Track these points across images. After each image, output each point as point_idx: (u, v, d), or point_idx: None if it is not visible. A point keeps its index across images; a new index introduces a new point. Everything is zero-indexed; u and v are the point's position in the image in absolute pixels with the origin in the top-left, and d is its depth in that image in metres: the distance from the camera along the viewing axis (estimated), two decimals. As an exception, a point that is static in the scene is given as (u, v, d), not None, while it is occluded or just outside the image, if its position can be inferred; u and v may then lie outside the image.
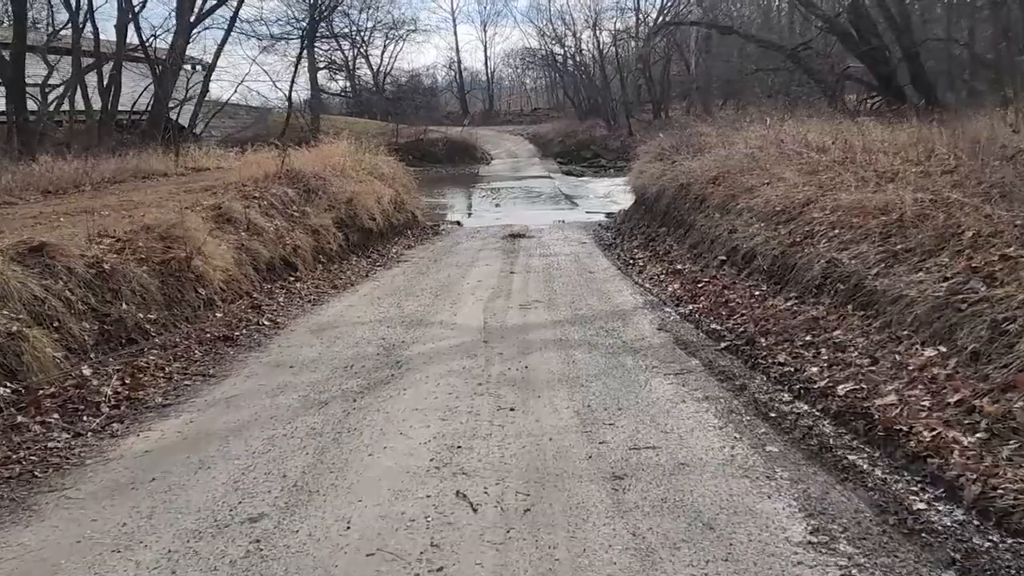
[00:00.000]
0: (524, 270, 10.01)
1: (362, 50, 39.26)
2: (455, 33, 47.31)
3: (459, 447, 4.04)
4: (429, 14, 73.40)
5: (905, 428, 3.69)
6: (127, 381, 5.16)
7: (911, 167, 7.41)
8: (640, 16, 36.42)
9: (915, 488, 3.33)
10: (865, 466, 3.58)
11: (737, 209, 8.83)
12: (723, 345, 5.83)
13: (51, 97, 18.43)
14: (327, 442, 4.19)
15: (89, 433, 4.40)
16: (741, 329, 6.04)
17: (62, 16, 22.83)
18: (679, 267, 8.94)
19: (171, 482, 3.72)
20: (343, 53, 38.82)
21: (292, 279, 8.99)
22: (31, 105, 17.69)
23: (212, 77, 25.39)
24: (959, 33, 17.53)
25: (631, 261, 10.44)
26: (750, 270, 7.39)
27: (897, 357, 4.46)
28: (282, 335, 6.83)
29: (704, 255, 8.82)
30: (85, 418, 4.57)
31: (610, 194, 22.78)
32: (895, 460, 3.58)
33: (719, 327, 6.30)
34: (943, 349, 4.27)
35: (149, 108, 19.51)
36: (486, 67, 52.76)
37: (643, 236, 11.95)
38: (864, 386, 4.30)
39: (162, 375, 5.43)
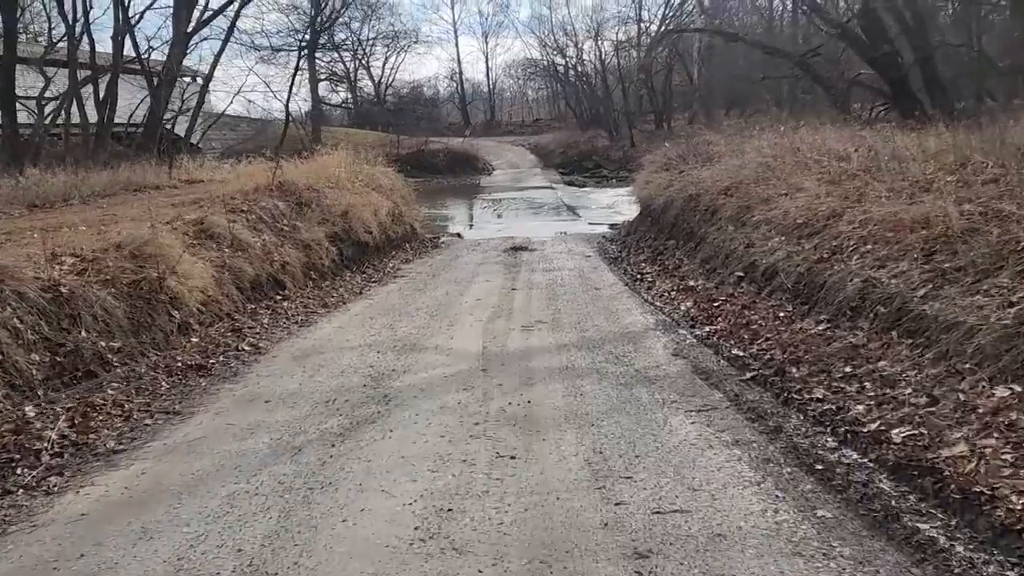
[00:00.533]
0: (526, 286, 9.37)
1: (363, 62, 38.81)
2: (456, 44, 47.18)
3: (450, 510, 3.37)
4: (431, 26, 72.92)
5: (986, 490, 3.02)
6: (77, 422, 4.51)
7: (945, 176, 6.76)
8: (641, 26, 35.94)
9: (1012, 574, 2.66)
10: (943, 541, 2.91)
11: (753, 222, 8.19)
12: (749, 375, 5.17)
13: (48, 110, 17.90)
14: (296, 501, 3.53)
15: (20, 490, 3.74)
16: (767, 356, 5.38)
17: (61, 28, 22.36)
18: (691, 283, 8.29)
19: (102, 560, 3.06)
20: (344, 65, 38.37)
21: (279, 298, 8.35)
22: (29, 118, 17.18)
23: (213, 89, 25.01)
24: (968, 38, 16.94)
25: (639, 276, 9.79)
26: (772, 288, 6.74)
27: (961, 396, 3.79)
28: (262, 362, 6.18)
29: (719, 271, 8.16)
30: (19, 470, 3.91)
31: (613, 205, 22.18)
32: (979, 532, 2.92)
33: (742, 353, 5.65)
34: (1018, 388, 3.60)
35: (145, 120, 18.94)
36: (487, 78, 52.37)
37: (650, 249, 11.30)
38: (925, 432, 3.63)
39: (119, 413, 4.78)
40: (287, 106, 24.71)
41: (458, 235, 17.14)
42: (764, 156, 10.18)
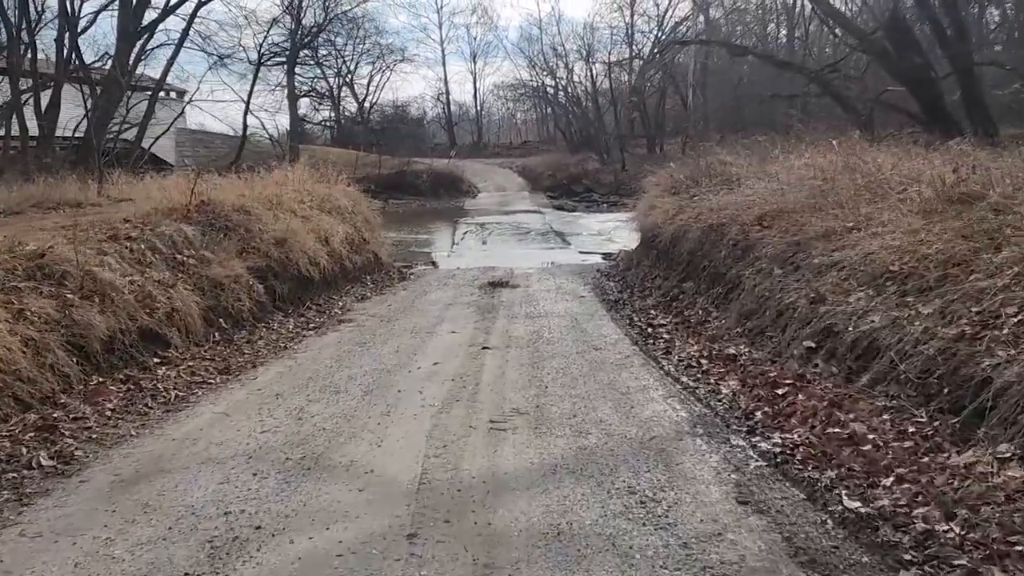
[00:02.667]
0: (502, 343, 6.85)
1: (347, 79, 36.43)
2: (443, 63, 44.62)
3: None
4: (417, 44, 70.85)
5: None
6: None
7: None
8: (634, 48, 33.79)
9: None
10: None
11: (813, 265, 5.74)
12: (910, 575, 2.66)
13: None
14: None
15: None
16: (924, 530, 2.87)
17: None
18: (731, 350, 5.79)
19: None
20: (327, 82, 35.95)
21: (157, 362, 5.79)
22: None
23: (189, 104, 22.42)
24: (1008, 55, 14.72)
25: (650, 330, 7.29)
26: (874, 375, 4.24)
27: None
28: (51, 497, 3.61)
29: (768, 332, 5.68)
30: None
31: (606, 232, 19.78)
32: None
33: (864, 507, 3.13)
34: None
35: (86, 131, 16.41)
36: (475, 99, 49.81)
37: (660, 292, 8.82)
38: None
39: None
40: (245, 117, 22.13)
41: (433, 263, 14.70)
42: (809, 178, 7.77)
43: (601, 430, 4.39)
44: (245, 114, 21.58)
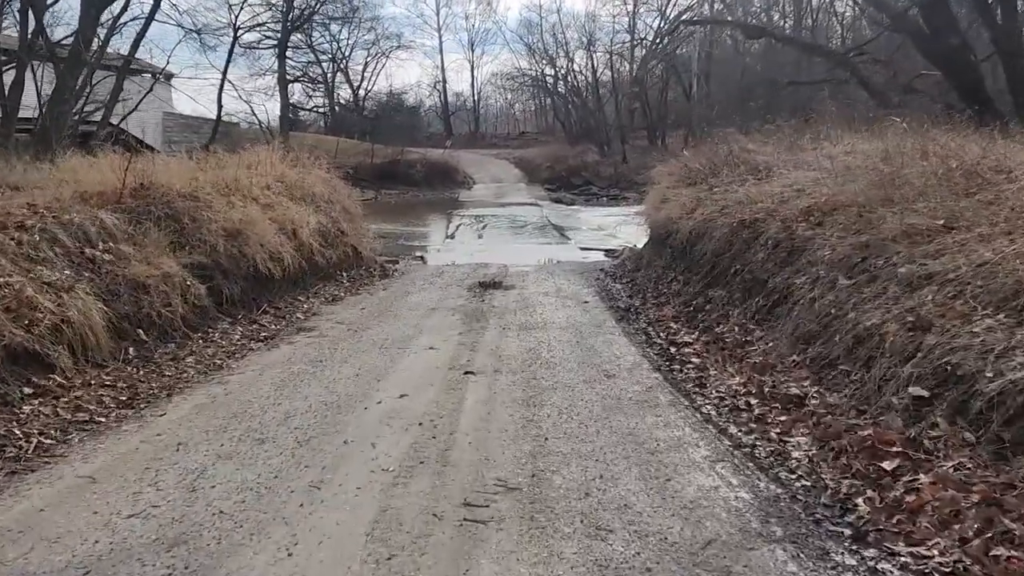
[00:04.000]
0: (490, 366, 5.34)
1: (341, 65, 34.66)
2: (440, 51, 42.64)
3: None
4: (414, 30, 68.41)
5: None
6: None
7: None
8: (635, 36, 32.08)
9: None
10: None
11: (900, 275, 4.24)
12: None
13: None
14: None
15: None
16: None
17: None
18: (792, 388, 4.26)
19: None
20: (321, 67, 34.18)
21: (28, 393, 4.25)
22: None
23: (176, 88, 20.75)
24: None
25: (673, 350, 5.77)
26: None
27: None
28: None
29: (842, 365, 4.16)
30: None
31: (607, 226, 18.27)
32: None
33: None
34: None
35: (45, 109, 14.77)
36: (472, 88, 47.88)
37: (680, 299, 7.30)
38: None
39: None
40: (219, 95, 20.43)
41: (421, 259, 13.18)
42: (866, 167, 6.25)
43: (628, 526, 2.88)
44: (220, 91, 19.88)
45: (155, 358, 5.40)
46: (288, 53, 29.85)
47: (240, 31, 19.56)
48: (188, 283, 6.33)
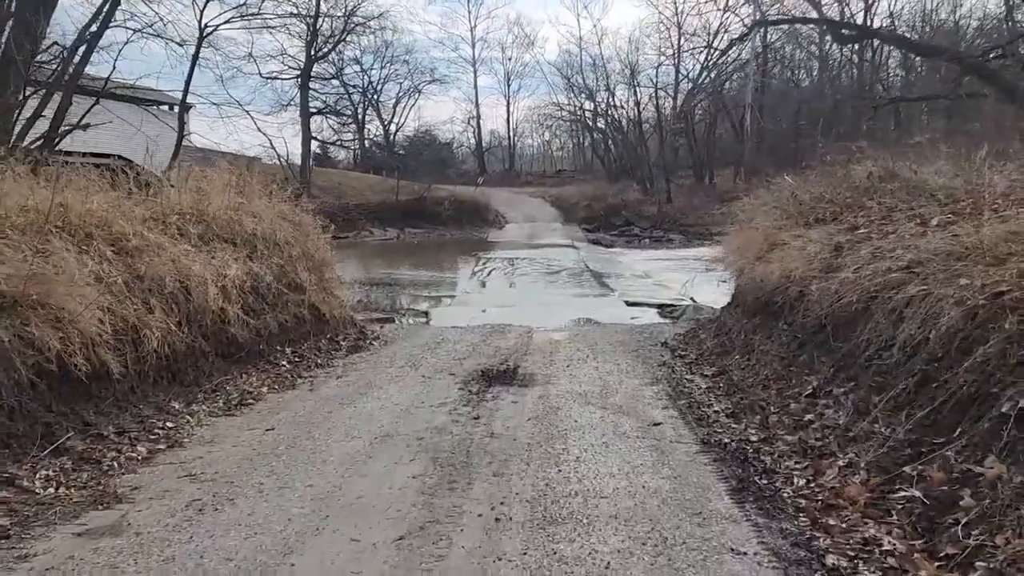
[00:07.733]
0: None
1: (372, 99, 31.89)
2: (475, 86, 39.63)
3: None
4: (448, 64, 65.82)
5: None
6: None
7: None
8: (681, 70, 28.52)
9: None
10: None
11: None
12: None
13: None
14: None
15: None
16: None
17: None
18: None
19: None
20: (351, 101, 31.39)
21: None
22: None
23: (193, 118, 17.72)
24: None
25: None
26: None
27: None
28: None
29: None
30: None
31: (653, 273, 14.54)
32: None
33: None
34: None
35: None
36: (508, 124, 44.65)
37: (861, 444, 3.46)
38: None
39: None
40: (182, 108, 17.16)
41: (424, 315, 9.67)
42: None
43: None
44: (184, 98, 16.57)
45: None
46: (315, 85, 27.06)
47: (207, 29, 16.15)
48: None
